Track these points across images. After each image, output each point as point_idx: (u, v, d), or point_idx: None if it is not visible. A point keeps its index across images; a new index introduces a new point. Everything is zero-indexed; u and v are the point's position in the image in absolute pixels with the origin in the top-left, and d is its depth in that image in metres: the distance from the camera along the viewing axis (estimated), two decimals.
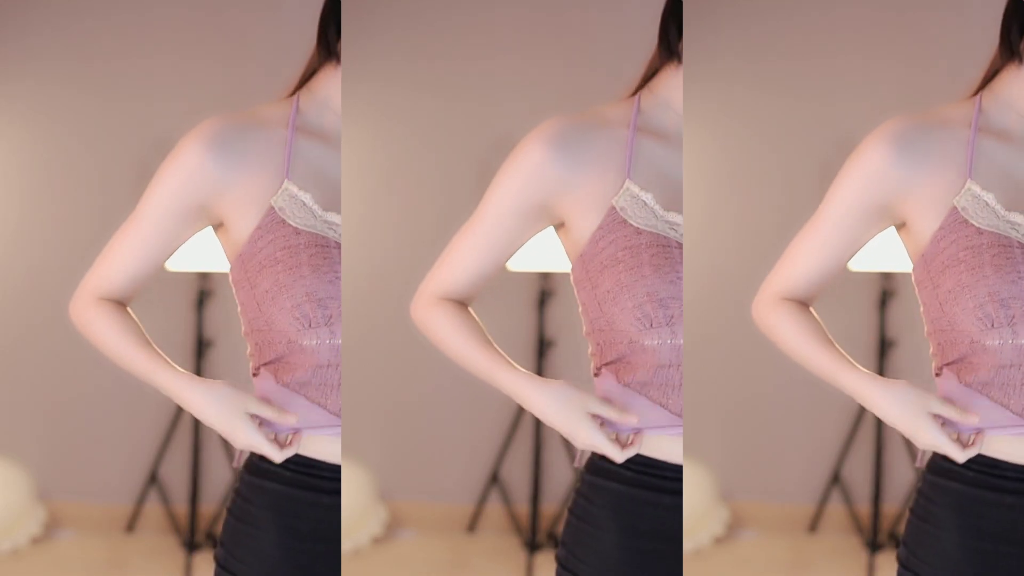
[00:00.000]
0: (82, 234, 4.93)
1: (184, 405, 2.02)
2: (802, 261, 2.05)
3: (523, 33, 4.92)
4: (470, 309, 2.11)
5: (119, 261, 2.05)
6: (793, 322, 2.05)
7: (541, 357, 4.79)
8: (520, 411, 4.85)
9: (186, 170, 1.99)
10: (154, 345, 2.07)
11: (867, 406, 2.00)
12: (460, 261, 2.07)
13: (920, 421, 1.95)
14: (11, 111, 4.91)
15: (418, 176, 4.94)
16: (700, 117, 4.86)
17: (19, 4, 4.90)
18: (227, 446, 4.81)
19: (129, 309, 2.09)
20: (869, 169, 1.96)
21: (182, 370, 2.05)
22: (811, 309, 2.08)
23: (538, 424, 4.79)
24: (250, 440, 2.00)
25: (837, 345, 2.06)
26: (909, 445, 4.86)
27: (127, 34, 4.89)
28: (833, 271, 2.05)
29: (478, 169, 4.92)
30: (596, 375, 2.06)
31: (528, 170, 2.00)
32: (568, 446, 4.90)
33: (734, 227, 4.91)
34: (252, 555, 2.01)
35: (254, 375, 2.06)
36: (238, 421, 2.00)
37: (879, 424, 4.75)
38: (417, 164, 4.94)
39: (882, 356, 4.72)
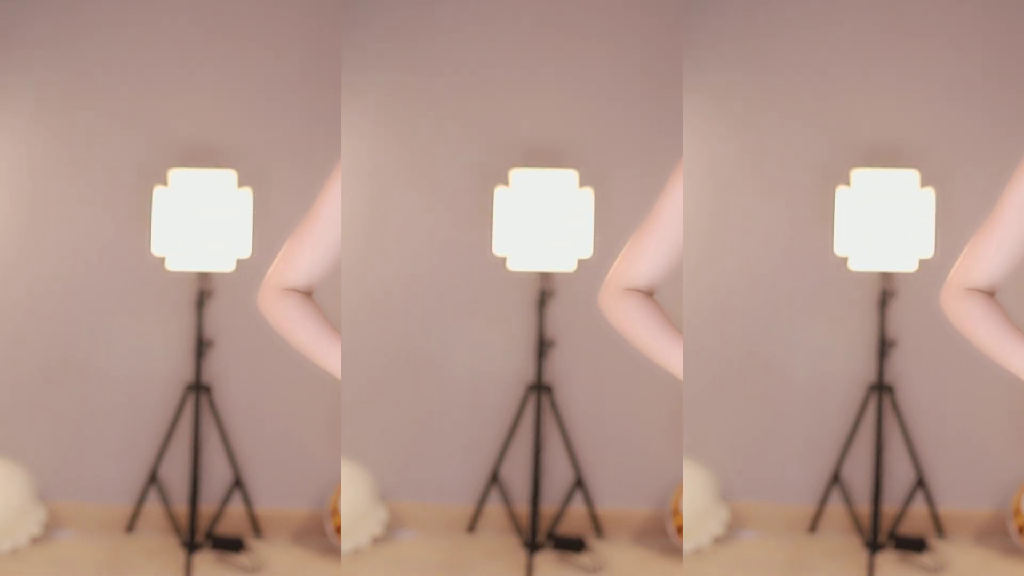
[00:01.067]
0: (84, 236, 4.93)
1: None
2: (983, 253, 2.16)
3: (524, 42, 4.92)
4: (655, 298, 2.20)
5: (299, 253, 2.15)
6: (984, 315, 2.16)
7: (541, 357, 4.79)
8: (520, 411, 4.86)
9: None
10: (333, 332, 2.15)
11: None
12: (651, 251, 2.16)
13: None
14: (11, 110, 4.91)
15: (419, 182, 4.94)
16: (699, 130, 4.86)
17: (20, 3, 4.90)
18: (227, 446, 4.81)
19: (314, 298, 2.16)
20: None
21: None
22: (996, 298, 2.19)
23: (538, 424, 4.78)
24: None
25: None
26: (909, 445, 4.86)
27: (129, 33, 4.89)
28: (1013, 262, 2.16)
29: (479, 173, 4.92)
30: None
31: None
32: (568, 447, 4.90)
33: (736, 230, 4.91)
34: None
35: None
36: None
37: (879, 424, 4.74)
38: (418, 171, 4.94)
39: (882, 356, 4.72)
